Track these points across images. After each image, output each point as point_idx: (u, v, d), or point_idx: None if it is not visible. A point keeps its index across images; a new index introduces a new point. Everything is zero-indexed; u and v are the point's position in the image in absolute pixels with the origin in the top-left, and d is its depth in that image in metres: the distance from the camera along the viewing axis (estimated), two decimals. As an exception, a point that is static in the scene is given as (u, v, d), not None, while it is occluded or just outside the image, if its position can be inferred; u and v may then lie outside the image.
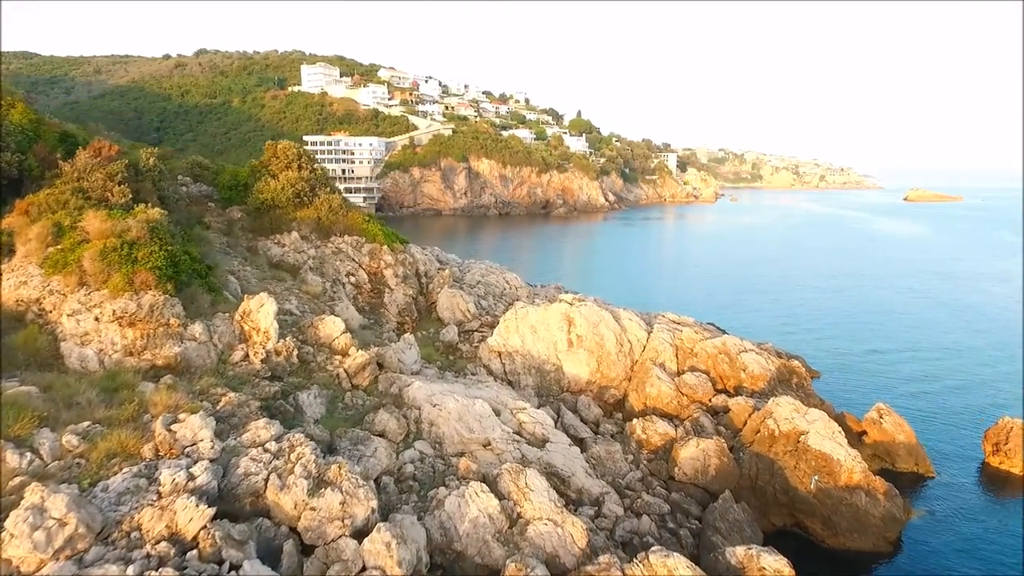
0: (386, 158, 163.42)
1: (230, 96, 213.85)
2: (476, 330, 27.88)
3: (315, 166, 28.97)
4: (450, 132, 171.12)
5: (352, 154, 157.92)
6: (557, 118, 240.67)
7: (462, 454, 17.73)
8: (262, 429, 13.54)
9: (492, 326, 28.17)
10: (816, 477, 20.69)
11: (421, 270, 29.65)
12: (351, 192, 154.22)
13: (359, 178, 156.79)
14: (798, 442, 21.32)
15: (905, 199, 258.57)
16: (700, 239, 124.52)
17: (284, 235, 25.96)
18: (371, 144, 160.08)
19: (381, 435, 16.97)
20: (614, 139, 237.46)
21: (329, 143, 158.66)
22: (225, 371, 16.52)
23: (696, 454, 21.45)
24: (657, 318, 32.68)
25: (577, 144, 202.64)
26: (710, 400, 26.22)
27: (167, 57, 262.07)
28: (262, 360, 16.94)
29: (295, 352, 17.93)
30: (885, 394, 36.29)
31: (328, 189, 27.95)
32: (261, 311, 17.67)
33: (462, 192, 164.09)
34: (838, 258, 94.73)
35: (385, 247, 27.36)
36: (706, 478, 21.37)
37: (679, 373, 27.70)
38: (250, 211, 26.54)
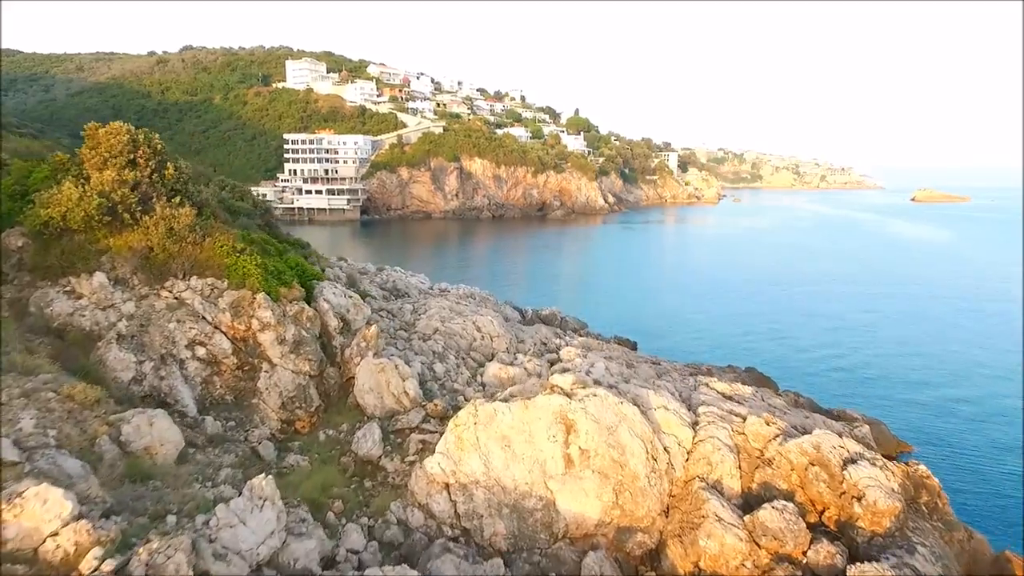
0: (372, 157, 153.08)
1: (212, 93, 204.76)
2: (416, 427, 17.09)
3: (168, 163, 18.22)
4: (440, 130, 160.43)
5: (336, 153, 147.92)
6: (554, 116, 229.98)
7: None
8: None
9: (445, 417, 17.46)
10: None
11: (332, 325, 18.70)
12: (334, 193, 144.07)
13: (343, 179, 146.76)
14: None
15: (913, 199, 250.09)
16: (709, 246, 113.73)
17: (83, 278, 15.33)
18: (356, 143, 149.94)
19: None
20: (613, 138, 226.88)
21: (311, 142, 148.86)
22: None
23: None
24: (700, 388, 21.85)
25: (575, 143, 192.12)
26: (804, 553, 15.55)
27: (151, 54, 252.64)
28: None
29: None
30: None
31: (175, 200, 17.17)
32: None
33: (453, 193, 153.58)
34: (871, 271, 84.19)
35: (261, 295, 16.33)
36: None
37: (745, 497, 17.02)
38: (36, 235, 15.91)
